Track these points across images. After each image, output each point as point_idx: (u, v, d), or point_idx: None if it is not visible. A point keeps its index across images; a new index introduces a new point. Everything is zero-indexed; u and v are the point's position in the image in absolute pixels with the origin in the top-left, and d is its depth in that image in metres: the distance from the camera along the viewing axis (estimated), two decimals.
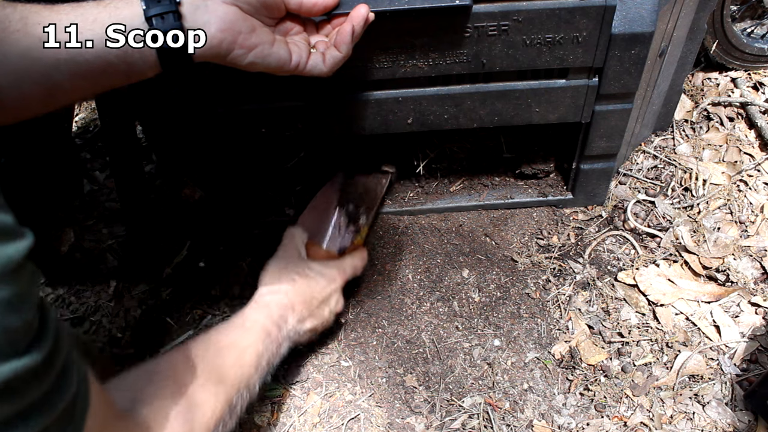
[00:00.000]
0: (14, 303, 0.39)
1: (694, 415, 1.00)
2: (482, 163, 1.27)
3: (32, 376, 0.42)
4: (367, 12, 0.78)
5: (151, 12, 0.67)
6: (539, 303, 1.14)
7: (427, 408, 1.02)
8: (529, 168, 1.24)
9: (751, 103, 1.45)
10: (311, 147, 1.26)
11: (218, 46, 0.71)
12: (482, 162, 1.27)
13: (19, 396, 0.41)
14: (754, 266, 1.17)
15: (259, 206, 1.26)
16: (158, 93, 0.98)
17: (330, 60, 0.78)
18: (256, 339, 0.84)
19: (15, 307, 0.39)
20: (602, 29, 0.92)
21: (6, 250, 0.38)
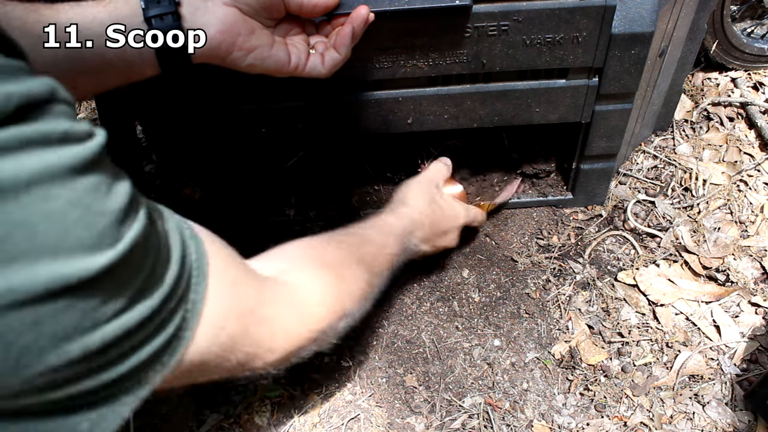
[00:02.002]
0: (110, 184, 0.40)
1: (694, 415, 1.00)
2: (482, 163, 1.27)
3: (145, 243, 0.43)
4: (368, 13, 0.78)
5: (150, 12, 0.67)
6: (539, 303, 1.14)
7: (427, 408, 1.02)
8: (530, 168, 1.24)
9: (751, 103, 1.45)
10: (311, 146, 1.26)
11: (217, 47, 0.71)
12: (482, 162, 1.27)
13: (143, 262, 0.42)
14: (754, 266, 1.17)
15: (259, 206, 1.26)
16: (158, 93, 0.98)
17: (329, 62, 0.78)
18: (391, 240, 0.89)
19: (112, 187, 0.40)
20: (602, 29, 0.92)
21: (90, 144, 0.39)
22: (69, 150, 0.37)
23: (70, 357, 0.37)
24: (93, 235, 0.38)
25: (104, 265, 0.38)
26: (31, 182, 0.34)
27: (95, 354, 0.39)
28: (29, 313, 0.35)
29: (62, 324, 0.36)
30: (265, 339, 0.59)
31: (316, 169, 1.28)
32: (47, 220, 0.35)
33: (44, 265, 0.35)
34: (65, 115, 0.38)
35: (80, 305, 0.37)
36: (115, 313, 0.39)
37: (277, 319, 0.61)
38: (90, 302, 0.38)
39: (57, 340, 0.36)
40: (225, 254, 0.57)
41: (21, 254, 0.34)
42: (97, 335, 0.38)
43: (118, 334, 0.40)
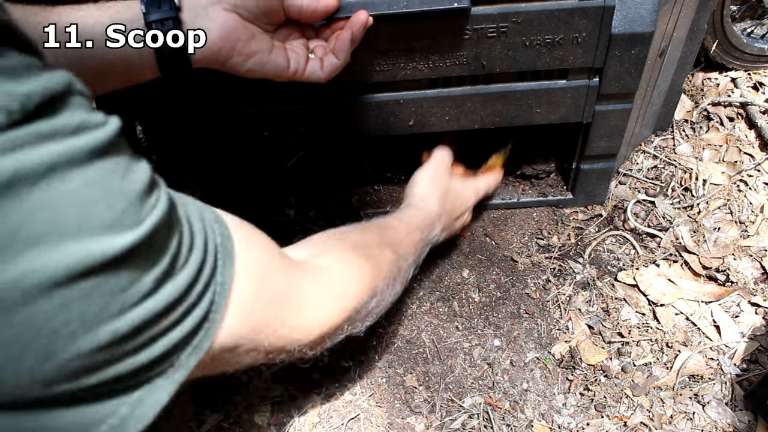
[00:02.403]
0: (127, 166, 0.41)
1: (694, 415, 1.00)
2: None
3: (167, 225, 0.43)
4: (367, 18, 0.78)
5: (151, 17, 0.68)
6: (539, 303, 1.14)
7: (427, 408, 1.03)
8: (530, 168, 1.24)
9: (751, 103, 1.45)
10: (311, 147, 1.27)
11: (217, 52, 0.71)
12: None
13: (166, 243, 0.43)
14: (754, 266, 1.17)
15: (259, 206, 1.26)
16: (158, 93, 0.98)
17: (328, 67, 0.78)
18: (414, 230, 0.91)
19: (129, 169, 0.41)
20: (602, 30, 0.92)
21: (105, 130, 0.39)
22: (85, 137, 0.38)
23: (100, 341, 0.38)
24: (114, 215, 0.38)
25: (127, 245, 0.38)
26: (49, 169, 0.35)
27: (125, 338, 0.39)
28: (56, 296, 0.35)
29: (90, 307, 0.37)
30: (297, 321, 0.59)
31: (316, 169, 1.28)
32: (67, 202, 0.36)
33: (67, 246, 0.35)
34: (81, 106, 0.39)
35: (107, 287, 0.37)
36: (142, 295, 0.40)
37: (308, 301, 0.61)
38: (116, 284, 0.38)
39: (86, 324, 0.37)
40: (253, 238, 0.57)
41: (44, 236, 0.34)
42: (125, 318, 0.39)
43: (147, 318, 0.40)
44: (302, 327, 0.60)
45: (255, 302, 0.53)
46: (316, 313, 0.62)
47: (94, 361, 0.38)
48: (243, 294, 0.51)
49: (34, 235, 0.34)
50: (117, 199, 0.39)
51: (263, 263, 0.56)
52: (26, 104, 0.34)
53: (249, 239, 0.56)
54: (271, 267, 0.57)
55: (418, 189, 1.02)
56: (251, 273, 0.53)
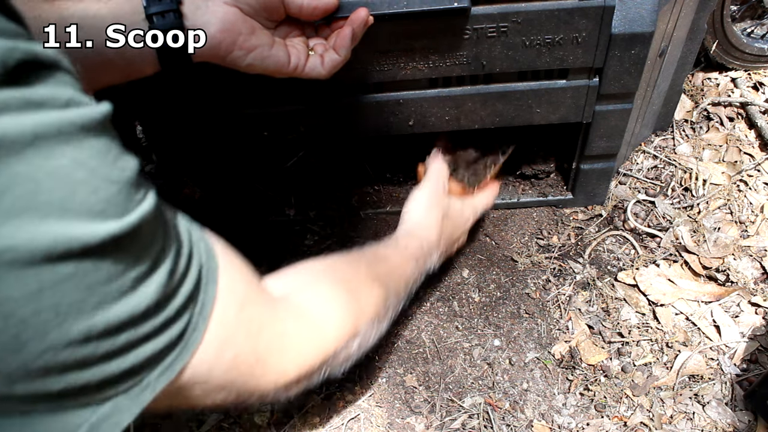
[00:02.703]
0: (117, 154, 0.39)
1: (694, 415, 1.00)
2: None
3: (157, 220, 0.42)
4: (367, 15, 0.78)
5: (151, 10, 0.67)
6: (539, 303, 1.14)
7: (427, 408, 1.03)
8: (530, 168, 1.24)
9: (751, 103, 1.45)
10: (311, 147, 1.27)
11: (218, 46, 0.71)
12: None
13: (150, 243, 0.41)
14: (754, 266, 1.17)
15: (259, 206, 1.26)
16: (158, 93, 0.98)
17: (328, 63, 0.78)
18: (408, 261, 0.87)
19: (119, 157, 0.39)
20: (602, 29, 0.92)
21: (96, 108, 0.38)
22: (76, 111, 0.36)
23: (72, 337, 0.36)
24: (99, 200, 0.36)
25: (110, 235, 0.36)
26: (35, 138, 0.33)
27: (98, 338, 0.37)
28: (30, 279, 0.33)
29: (65, 297, 0.35)
30: (274, 359, 0.56)
31: (316, 169, 1.28)
32: (52, 178, 0.34)
33: (48, 225, 0.33)
34: (70, 84, 0.37)
35: (84, 277, 0.36)
36: (120, 292, 0.38)
37: (287, 339, 0.58)
38: (94, 275, 0.36)
39: (60, 316, 0.35)
40: (237, 266, 0.54)
41: (23, 210, 0.32)
42: (101, 316, 0.37)
43: (123, 319, 0.38)
44: (278, 366, 0.57)
45: (233, 332, 0.50)
46: (294, 352, 0.59)
47: (64, 360, 0.36)
48: (222, 321, 0.48)
49: (14, 208, 0.32)
50: (103, 184, 0.37)
51: (244, 293, 0.53)
52: (6, 60, 0.32)
53: (233, 266, 0.53)
54: (252, 298, 0.54)
55: (415, 213, 0.97)
56: (233, 300, 0.50)
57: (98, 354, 0.38)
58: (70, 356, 0.36)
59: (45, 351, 0.35)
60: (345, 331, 0.66)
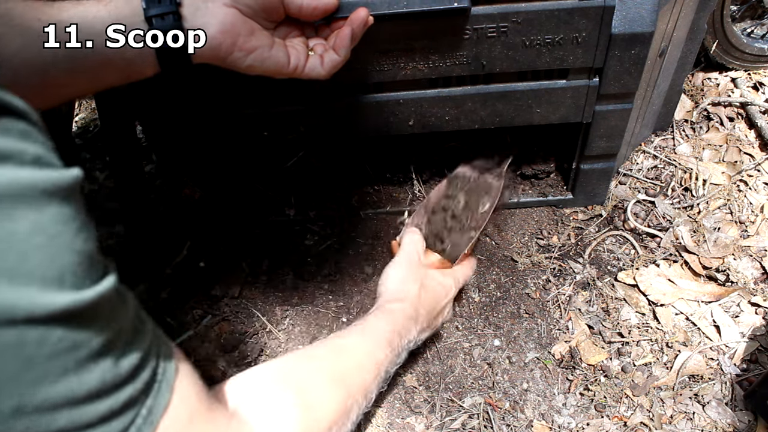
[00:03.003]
0: (81, 225, 0.38)
1: (694, 415, 1.00)
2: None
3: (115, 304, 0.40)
4: (367, 15, 0.78)
5: (151, 12, 0.67)
6: (539, 303, 1.14)
7: (427, 408, 1.03)
8: (530, 169, 1.24)
9: (751, 103, 1.45)
10: (311, 147, 1.27)
11: (217, 47, 0.71)
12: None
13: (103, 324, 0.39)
14: (754, 266, 1.17)
15: (259, 206, 1.26)
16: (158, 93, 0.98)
17: (328, 63, 0.78)
18: (378, 347, 0.79)
19: (83, 228, 0.38)
20: (602, 29, 0.92)
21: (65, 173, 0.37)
22: (43, 172, 0.35)
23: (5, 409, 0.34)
24: (55, 269, 0.35)
25: (62, 306, 0.35)
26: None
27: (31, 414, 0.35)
28: None
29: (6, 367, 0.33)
30: None
31: (316, 169, 1.28)
32: (7, 240, 0.33)
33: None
34: (40, 142, 0.36)
35: (23, 349, 0.34)
36: (62, 371, 0.36)
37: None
38: (36, 348, 0.34)
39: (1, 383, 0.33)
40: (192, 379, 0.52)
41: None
42: (37, 392, 0.35)
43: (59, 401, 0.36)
44: None
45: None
46: None
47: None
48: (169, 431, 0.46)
49: None
50: (61, 253, 0.35)
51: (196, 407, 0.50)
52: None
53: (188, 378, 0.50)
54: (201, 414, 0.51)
55: (390, 284, 0.90)
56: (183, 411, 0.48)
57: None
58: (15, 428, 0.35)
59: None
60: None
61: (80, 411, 0.38)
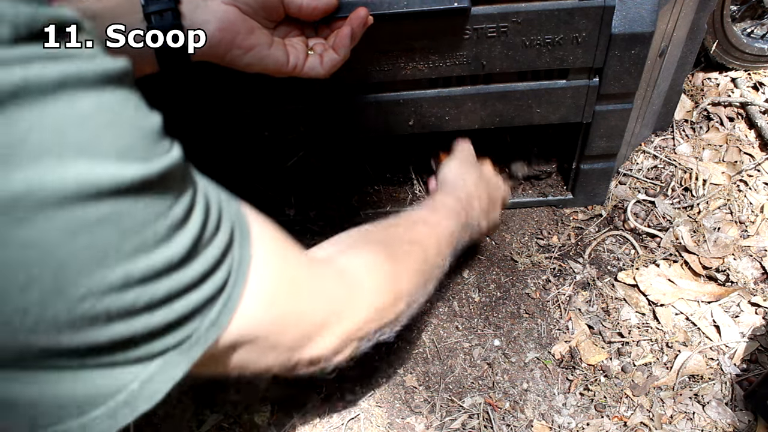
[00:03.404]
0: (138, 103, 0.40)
1: (694, 415, 1.00)
2: None
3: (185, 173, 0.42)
4: (367, 15, 0.78)
5: (150, 8, 0.67)
6: (539, 303, 1.14)
7: (427, 408, 1.03)
8: (531, 169, 1.24)
9: (751, 103, 1.45)
10: (311, 147, 1.27)
11: (216, 45, 0.71)
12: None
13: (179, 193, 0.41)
14: (754, 266, 1.17)
15: (259, 206, 1.26)
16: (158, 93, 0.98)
17: (327, 62, 0.78)
18: (446, 217, 0.84)
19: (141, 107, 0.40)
20: (602, 29, 0.92)
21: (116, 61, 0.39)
22: (99, 61, 0.37)
23: (112, 282, 0.36)
24: (124, 143, 0.37)
25: (138, 176, 0.37)
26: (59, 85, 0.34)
27: (138, 284, 0.37)
28: (62, 219, 0.33)
29: (100, 239, 0.35)
30: (319, 319, 0.56)
31: (316, 169, 1.28)
32: (76, 121, 0.35)
33: (75, 166, 0.34)
34: (92, 43, 0.38)
35: (118, 220, 0.36)
36: (155, 239, 0.38)
37: (331, 301, 0.58)
38: (128, 219, 0.37)
39: (96, 258, 0.35)
40: (272, 229, 0.55)
41: (48, 150, 0.33)
42: (138, 262, 0.37)
43: (161, 267, 0.39)
44: (325, 328, 0.57)
45: (276, 292, 0.50)
46: (339, 313, 0.58)
47: (106, 308, 0.36)
48: (263, 280, 0.49)
49: (41, 148, 0.33)
50: (129, 129, 0.37)
51: (283, 253, 0.54)
52: (32, 24, 0.33)
53: (267, 229, 0.54)
54: (292, 258, 0.55)
55: (449, 174, 0.96)
56: (270, 259, 0.50)
57: (141, 303, 0.38)
58: (112, 304, 0.36)
59: (85, 296, 0.35)
60: (388, 291, 0.66)
61: (180, 274, 0.40)
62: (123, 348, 0.39)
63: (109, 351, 0.38)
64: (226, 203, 0.49)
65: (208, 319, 0.44)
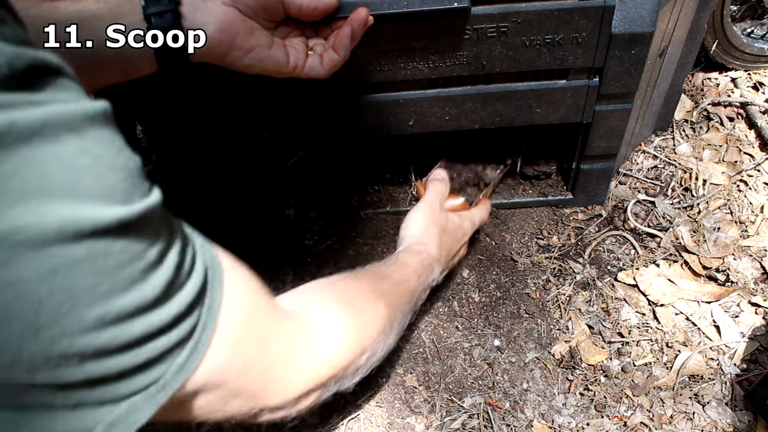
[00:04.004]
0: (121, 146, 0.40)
1: (694, 415, 1.00)
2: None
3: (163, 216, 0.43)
4: (367, 15, 0.78)
5: (150, 10, 0.67)
6: (539, 303, 1.14)
7: (427, 408, 1.03)
8: (531, 169, 1.24)
9: (751, 103, 1.45)
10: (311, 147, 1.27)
11: (216, 46, 0.71)
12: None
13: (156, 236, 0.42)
14: (754, 266, 1.17)
15: (259, 206, 1.26)
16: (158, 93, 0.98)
17: (327, 63, 0.78)
18: (410, 277, 0.86)
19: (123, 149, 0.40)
20: (602, 29, 0.92)
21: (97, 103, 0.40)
22: (80, 104, 0.38)
23: (87, 323, 0.37)
24: (105, 186, 0.37)
25: (117, 218, 0.37)
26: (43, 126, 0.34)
27: (112, 324, 0.38)
28: (42, 259, 0.34)
29: (78, 280, 0.36)
30: (283, 370, 0.56)
31: (316, 169, 1.28)
32: (59, 163, 0.35)
33: (57, 206, 0.34)
34: (75, 89, 0.39)
35: (95, 262, 0.37)
36: (130, 280, 0.39)
37: (295, 352, 0.58)
38: (104, 261, 0.37)
39: (73, 300, 0.36)
40: (244, 276, 0.55)
41: (32, 192, 0.34)
42: (113, 302, 0.38)
43: (134, 308, 0.39)
44: (287, 381, 0.57)
45: (242, 339, 0.50)
46: (303, 367, 0.59)
47: (81, 347, 0.37)
48: (230, 327, 0.49)
49: (25, 190, 0.33)
50: (109, 171, 0.38)
51: (252, 302, 0.54)
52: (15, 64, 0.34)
53: (240, 275, 0.54)
54: (261, 307, 0.55)
55: (413, 230, 0.97)
56: (240, 307, 0.51)
57: (114, 344, 0.39)
58: (87, 344, 0.37)
59: (61, 336, 0.36)
60: (353, 345, 0.67)
61: (152, 316, 0.41)
62: (91, 389, 0.39)
63: (79, 391, 0.39)
64: (201, 247, 0.49)
65: (176, 364, 0.44)
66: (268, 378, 0.55)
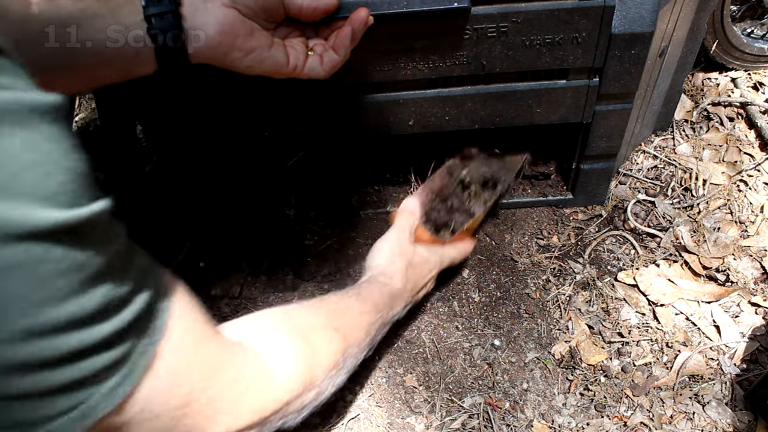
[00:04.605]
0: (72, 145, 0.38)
1: (694, 415, 1.00)
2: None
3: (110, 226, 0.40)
4: (367, 15, 0.78)
5: (150, 11, 0.67)
6: (539, 303, 1.14)
7: (427, 408, 1.03)
8: (530, 169, 1.24)
9: (751, 103, 1.45)
10: (311, 147, 1.27)
11: (216, 47, 0.71)
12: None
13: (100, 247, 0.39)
14: (754, 266, 1.17)
15: (259, 206, 1.26)
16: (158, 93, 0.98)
17: (328, 63, 0.78)
18: (370, 311, 0.83)
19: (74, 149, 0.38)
20: (602, 29, 0.92)
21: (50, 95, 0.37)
22: (31, 94, 0.35)
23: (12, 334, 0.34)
24: (49, 186, 0.35)
25: (59, 223, 0.35)
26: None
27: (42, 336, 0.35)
28: None
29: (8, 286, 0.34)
30: (227, 403, 0.54)
31: (316, 169, 1.28)
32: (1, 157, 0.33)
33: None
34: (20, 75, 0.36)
35: (30, 268, 0.34)
36: (66, 293, 0.36)
37: (240, 383, 0.57)
38: (40, 267, 0.35)
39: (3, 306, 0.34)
40: (193, 307, 0.53)
41: None
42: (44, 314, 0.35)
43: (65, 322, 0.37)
44: (230, 411, 0.55)
45: (187, 368, 0.49)
46: (247, 398, 0.57)
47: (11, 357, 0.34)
48: (175, 355, 0.47)
49: None
50: (56, 171, 0.35)
51: (201, 331, 0.52)
52: None
53: (188, 306, 0.52)
54: (207, 339, 0.53)
55: (380, 260, 0.95)
56: (188, 337, 0.49)
57: (40, 358, 0.36)
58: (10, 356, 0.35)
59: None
60: (300, 380, 0.65)
61: (86, 333, 0.38)
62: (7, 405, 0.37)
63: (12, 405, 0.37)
64: (150, 271, 0.47)
65: (107, 387, 0.41)
66: (210, 410, 0.52)
